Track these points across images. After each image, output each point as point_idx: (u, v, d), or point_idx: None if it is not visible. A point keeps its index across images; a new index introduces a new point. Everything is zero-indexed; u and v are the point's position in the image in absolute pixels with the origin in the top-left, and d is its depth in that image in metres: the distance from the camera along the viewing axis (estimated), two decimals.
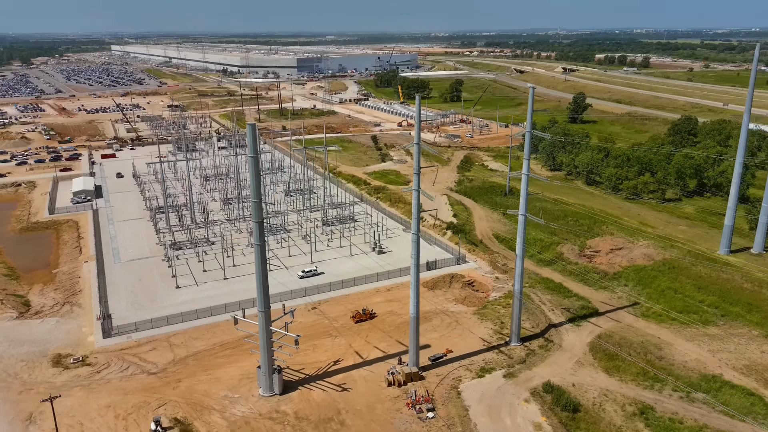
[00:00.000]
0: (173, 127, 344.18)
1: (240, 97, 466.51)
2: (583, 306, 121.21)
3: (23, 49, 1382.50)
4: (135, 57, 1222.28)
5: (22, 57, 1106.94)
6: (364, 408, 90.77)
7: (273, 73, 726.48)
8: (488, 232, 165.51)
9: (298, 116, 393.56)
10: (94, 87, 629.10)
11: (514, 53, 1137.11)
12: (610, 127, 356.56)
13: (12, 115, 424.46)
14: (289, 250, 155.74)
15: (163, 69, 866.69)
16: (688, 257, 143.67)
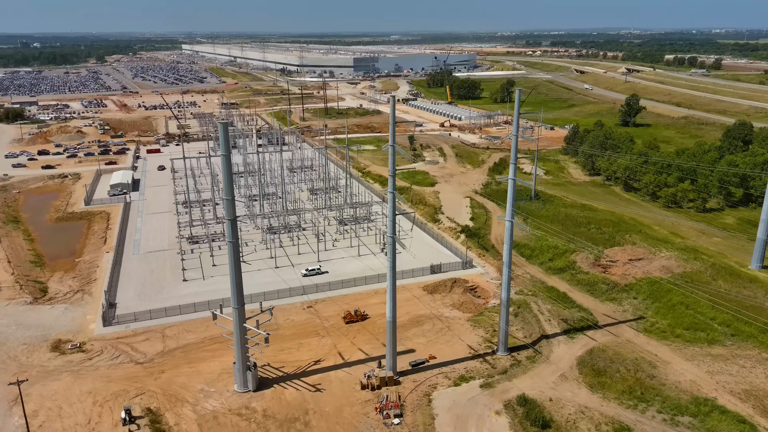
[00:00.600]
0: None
1: (288, 96, 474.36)
2: (582, 318, 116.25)
3: (101, 48, 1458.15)
4: (203, 56, 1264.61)
5: (98, 55, 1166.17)
6: (333, 410, 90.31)
7: (328, 73, 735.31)
8: (503, 237, 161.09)
9: (342, 115, 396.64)
10: (158, 84, 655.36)
11: (578, 53, 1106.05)
12: (663, 131, 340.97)
13: (76, 110, 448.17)
14: (298, 248, 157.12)
15: (226, 68, 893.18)
16: (711, 271, 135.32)
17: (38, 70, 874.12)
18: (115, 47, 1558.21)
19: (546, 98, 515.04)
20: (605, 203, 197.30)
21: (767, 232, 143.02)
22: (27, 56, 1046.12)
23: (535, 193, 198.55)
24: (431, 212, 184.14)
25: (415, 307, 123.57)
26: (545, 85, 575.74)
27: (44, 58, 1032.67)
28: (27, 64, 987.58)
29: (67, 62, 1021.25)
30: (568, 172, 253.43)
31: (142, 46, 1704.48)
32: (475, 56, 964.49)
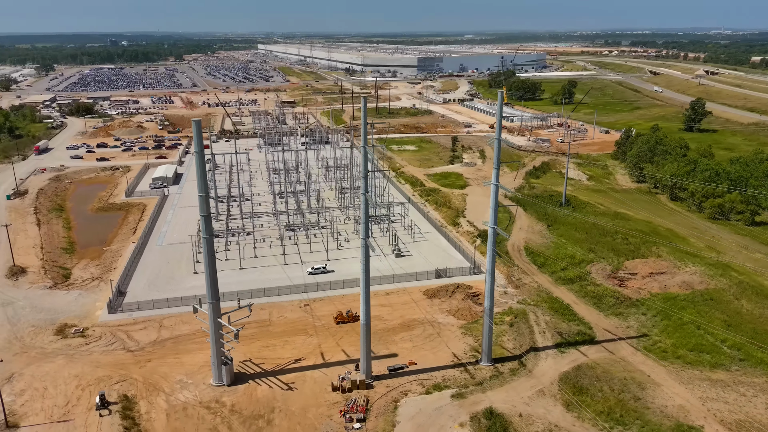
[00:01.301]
0: (275, 121, 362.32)
1: (341, 95, 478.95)
2: (580, 332, 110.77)
3: (182, 47, 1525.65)
4: (276, 55, 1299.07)
5: (178, 54, 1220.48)
6: (298, 410, 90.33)
7: (391, 72, 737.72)
8: (521, 244, 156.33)
9: (393, 115, 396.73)
10: (227, 82, 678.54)
11: (657, 54, 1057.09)
12: (729, 137, 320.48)
13: (145, 105, 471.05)
14: (311, 246, 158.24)
15: (295, 67, 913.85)
16: (736, 289, 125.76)
17: (120, 67, 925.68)
18: (196, 46, 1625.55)
19: (611, 100, 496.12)
20: (645, 212, 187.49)
21: None
22: (112, 54, 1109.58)
23: (566, 199, 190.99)
24: (453, 215, 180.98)
25: (410, 311, 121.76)
26: (612, 86, 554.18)
27: (127, 56, 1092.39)
28: (111, 61, 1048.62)
29: (148, 60, 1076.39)
30: (615, 178, 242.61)
31: (222, 46, 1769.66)
32: (544, 56, 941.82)
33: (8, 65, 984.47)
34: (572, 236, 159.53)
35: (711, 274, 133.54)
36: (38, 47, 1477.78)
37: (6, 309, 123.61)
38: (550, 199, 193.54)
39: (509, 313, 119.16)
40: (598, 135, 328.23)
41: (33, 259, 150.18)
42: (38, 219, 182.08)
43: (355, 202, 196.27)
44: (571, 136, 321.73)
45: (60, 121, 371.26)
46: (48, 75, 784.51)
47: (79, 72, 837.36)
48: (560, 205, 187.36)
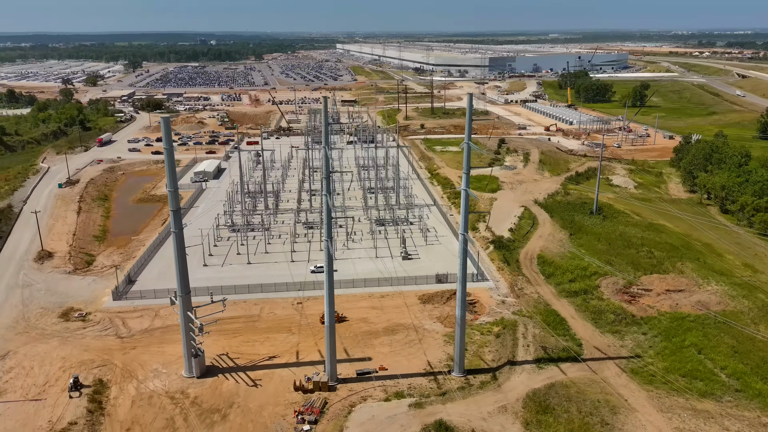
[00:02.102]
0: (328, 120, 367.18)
1: (398, 95, 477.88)
2: (566, 348, 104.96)
3: (265, 46, 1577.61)
4: (352, 55, 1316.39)
5: (258, 53, 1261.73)
6: (256, 407, 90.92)
7: (459, 72, 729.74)
8: (535, 252, 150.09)
9: (448, 116, 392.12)
10: (297, 81, 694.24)
11: (754, 55, 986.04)
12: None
13: (215, 102, 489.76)
14: (320, 244, 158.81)
15: (367, 66, 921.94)
16: (755, 313, 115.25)
17: (203, 65, 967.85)
18: (279, 46, 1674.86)
19: (687, 103, 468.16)
20: (686, 225, 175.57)
21: None
22: (197, 52, 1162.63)
23: (599, 207, 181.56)
24: (473, 220, 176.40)
25: (399, 315, 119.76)
26: (691, 89, 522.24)
27: (211, 55, 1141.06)
28: (196, 59, 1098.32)
29: (230, 59, 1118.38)
30: (667, 187, 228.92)
31: (303, 45, 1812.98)
32: (626, 56, 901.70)
33: (102, 62, 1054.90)
34: (593, 247, 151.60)
35: (733, 295, 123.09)
36: (134, 45, 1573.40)
37: (24, 291, 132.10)
38: (583, 207, 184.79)
39: (499, 324, 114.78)
40: (661, 140, 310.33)
41: (62, 245, 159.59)
42: (80, 207, 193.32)
43: (379, 201, 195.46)
44: (629, 140, 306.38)
45: (130, 115, 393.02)
46: (135, 72, 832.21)
47: (164, 69, 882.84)
48: (591, 214, 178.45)
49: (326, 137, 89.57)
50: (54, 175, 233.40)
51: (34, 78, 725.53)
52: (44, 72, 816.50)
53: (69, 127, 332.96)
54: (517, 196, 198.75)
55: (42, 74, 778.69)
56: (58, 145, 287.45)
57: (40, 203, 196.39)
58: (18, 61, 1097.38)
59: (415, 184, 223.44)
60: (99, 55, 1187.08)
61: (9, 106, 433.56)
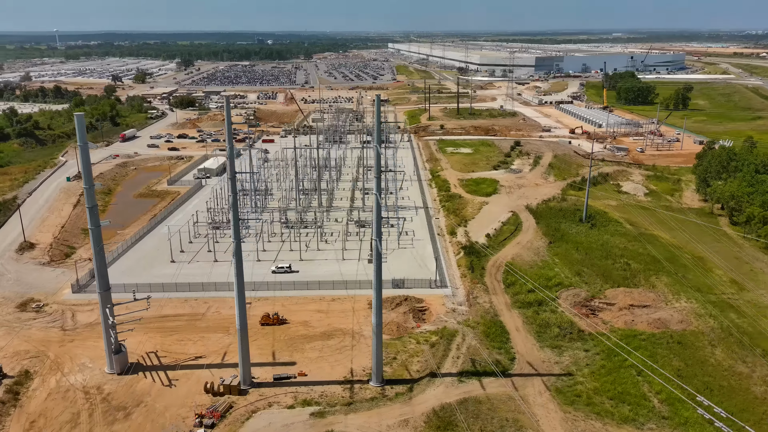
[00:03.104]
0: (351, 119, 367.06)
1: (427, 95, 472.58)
2: (497, 361, 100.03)
3: (318, 45, 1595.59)
4: (402, 54, 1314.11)
5: (309, 52, 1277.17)
6: (162, 407, 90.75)
7: (503, 72, 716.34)
8: (506, 259, 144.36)
9: (474, 116, 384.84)
10: (338, 80, 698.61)
11: None
12: None
13: (251, 100, 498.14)
14: (291, 244, 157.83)
15: (412, 66, 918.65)
16: (716, 335, 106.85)
17: (253, 64, 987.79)
18: (333, 45, 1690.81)
19: (734, 107, 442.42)
20: (686, 235, 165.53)
21: None
22: (250, 51, 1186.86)
23: (589, 215, 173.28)
24: (456, 223, 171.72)
25: (342, 320, 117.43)
26: (742, 92, 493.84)
27: (263, 54, 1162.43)
28: (249, 58, 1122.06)
29: (281, 58, 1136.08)
30: (681, 194, 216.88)
31: (357, 45, 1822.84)
32: (683, 57, 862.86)
33: (159, 60, 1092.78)
34: (569, 256, 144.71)
35: (701, 314, 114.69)
36: (195, 44, 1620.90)
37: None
38: (575, 214, 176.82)
39: (438, 334, 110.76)
40: (691, 145, 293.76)
41: (48, 237, 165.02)
42: (79, 200, 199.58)
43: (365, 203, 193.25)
44: (655, 144, 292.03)
45: (162, 112, 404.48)
46: (186, 70, 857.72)
47: (215, 68, 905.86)
48: (580, 221, 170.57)
49: (229, 139, 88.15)
50: (68, 169, 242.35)
51: (90, 75, 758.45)
52: (101, 69, 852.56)
53: (101, 123, 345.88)
54: (510, 201, 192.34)
55: (98, 71, 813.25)
56: None
57: (44, 196, 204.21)
58: (82, 58, 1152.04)
59: (413, 185, 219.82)
60: (158, 53, 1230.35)
61: (55, 101, 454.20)
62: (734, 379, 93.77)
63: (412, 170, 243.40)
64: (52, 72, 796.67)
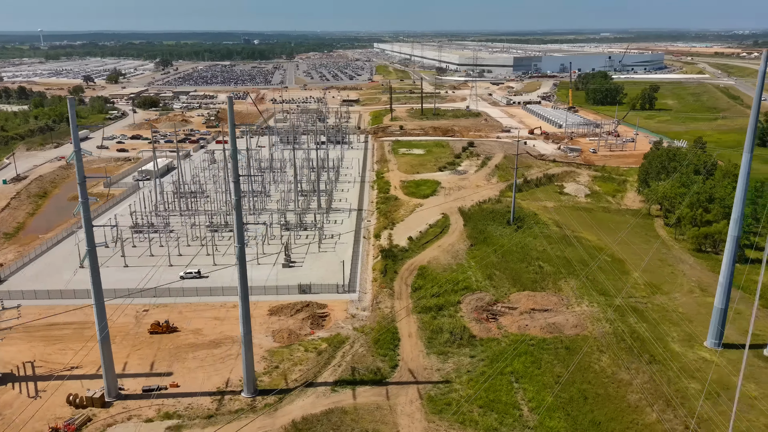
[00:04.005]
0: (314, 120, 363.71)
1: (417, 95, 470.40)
2: (378, 369, 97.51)
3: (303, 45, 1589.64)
4: (387, 54, 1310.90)
5: (289, 52, 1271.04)
6: (20, 420, 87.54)
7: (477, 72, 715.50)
8: (422, 263, 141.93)
9: (438, 117, 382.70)
10: (314, 80, 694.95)
11: None
12: None
13: (220, 100, 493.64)
14: (209, 248, 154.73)
15: (392, 66, 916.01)
16: (610, 339, 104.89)
17: (233, 64, 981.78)
18: (319, 45, 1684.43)
19: (701, 107, 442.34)
20: (613, 237, 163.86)
21: (725, 300, 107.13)
22: (232, 51, 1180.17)
23: (517, 216, 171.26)
24: (382, 226, 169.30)
25: (235, 327, 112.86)
26: (711, 92, 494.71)
27: (245, 54, 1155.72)
28: (231, 58, 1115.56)
29: (263, 58, 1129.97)
30: (624, 195, 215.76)
31: (344, 45, 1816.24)
32: (661, 57, 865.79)
33: (140, 60, 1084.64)
34: (485, 259, 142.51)
35: (599, 318, 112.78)
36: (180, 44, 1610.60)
37: None
38: (505, 216, 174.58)
39: (330, 341, 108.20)
40: (646, 146, 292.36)
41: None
42: (9, 203, 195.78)
43: (304, 205, 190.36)
44: (608, 145, 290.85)
45: (122, 112, 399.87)
46: (164, 70, 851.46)
47: (194, 68, 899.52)
48: (508, 224, 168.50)
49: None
50: (9, 172, 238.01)
51: (65, 75, 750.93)
52: (78, 69, 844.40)
53: (58, 124, 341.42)
54: (446, 203, 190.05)
55: (75, 71, 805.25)
56: (32, 141, 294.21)
57: None
58: (62, 58, 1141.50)
59: (354, 187, 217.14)
60: (140, 53, 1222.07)
61: (18, 102, 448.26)
62: (613, 386, 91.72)
63: (360, 171, 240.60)
64: (28, 72, 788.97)
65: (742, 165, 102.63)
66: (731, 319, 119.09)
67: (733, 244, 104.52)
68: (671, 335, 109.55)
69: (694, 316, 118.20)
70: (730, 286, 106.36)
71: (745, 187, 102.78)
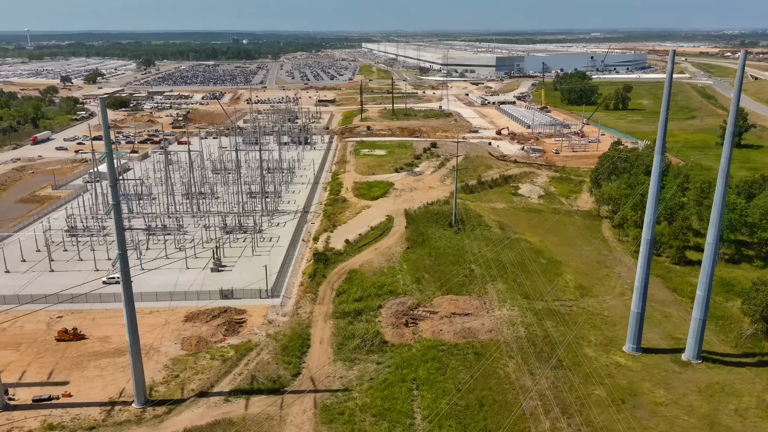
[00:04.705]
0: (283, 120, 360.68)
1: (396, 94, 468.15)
2: (278, 378, 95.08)
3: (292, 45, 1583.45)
4: (375, 54, 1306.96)
5: (282, 51, 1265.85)
6: None
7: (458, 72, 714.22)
8: (354, 266, 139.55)
9: (409, 117, 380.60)
10: (295, 80, 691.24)
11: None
12: None
13: (195, 100, 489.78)
14: (140, 253, 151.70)
15: (376, 66, 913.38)
16: (522, 344, 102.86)
17: (217, 64, 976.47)
18: (307, 44, 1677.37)
19: (674, 107, 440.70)
20: (557, 238, 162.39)
21: (641, 304, 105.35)
22: (217, 51, 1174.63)
23: (461, 219, 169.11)
24: (323, 229, 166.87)
25: (147, 334, 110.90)
26: (686, 92, 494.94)
27: (230, 54, 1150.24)
28: (216, 58, 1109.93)
29: (249, 58, 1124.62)
30: (578, 197, 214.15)
31: (334, 44, 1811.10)
32: (644, 56, 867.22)
33: (124, 60, 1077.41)
34: (419, 262, 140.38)
35: (515, 322, 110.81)
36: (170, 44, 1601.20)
37: None
38: (449, 218, 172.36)
39: (238, 348, 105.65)
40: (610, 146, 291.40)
41: None
42: None
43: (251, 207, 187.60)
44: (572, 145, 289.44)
45: (91, 113, 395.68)
46: (147, 70, 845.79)
47: (177, 68, 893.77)
48: (450, 226, 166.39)
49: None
50: None
51: (45, 75, 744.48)
52: (59, 69, 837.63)
53: (22, 125, 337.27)
54: (394, 205, 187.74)
55: (56, 71, 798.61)
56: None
57: None
58: (46, 58, 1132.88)
59: (307, 188, 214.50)
60: (125, 53, 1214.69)
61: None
62: (512, 393, 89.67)
63: (313, 172, 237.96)
64: (8, 72, 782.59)
65: (654, 167, 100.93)
66: (658, 322, 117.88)
67: (646, 248, 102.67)
68: (589, 339, 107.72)
69: (618, 319, 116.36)
70: (645, 290, 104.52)
71: (657, 190, 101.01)
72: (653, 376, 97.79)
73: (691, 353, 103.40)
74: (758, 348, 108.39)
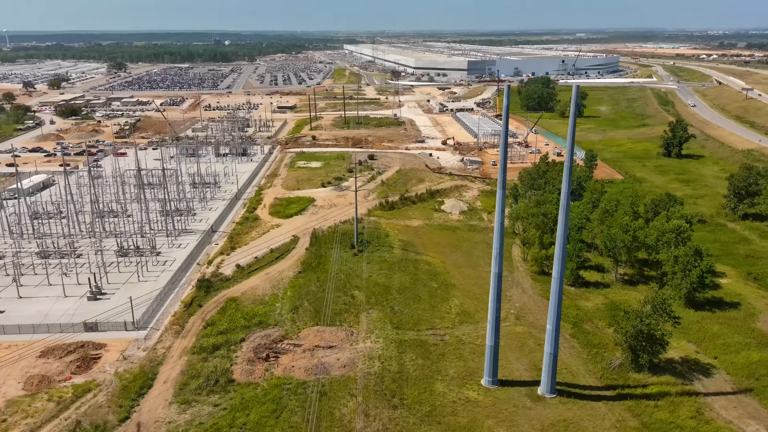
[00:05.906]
0: (233, 128, 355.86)
1: (310, 103, 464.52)
2: (103, 424, 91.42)
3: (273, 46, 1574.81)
4: (355, 56, 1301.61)
5: (258, 53, 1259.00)
6: None
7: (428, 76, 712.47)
8: (236, 294, 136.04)
9: (362, 125, 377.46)
10: (263, 85, 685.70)
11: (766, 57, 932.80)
12: (713, 166, 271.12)
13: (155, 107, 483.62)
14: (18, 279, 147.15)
15: (352, 68, 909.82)
16: (371, 379, 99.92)
17: (190, 66, 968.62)
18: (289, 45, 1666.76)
19: (630, 113, 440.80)
20: (461, 260, 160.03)
21: (495, 337, 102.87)
22: (192, 53, 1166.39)
23: (364, 240, 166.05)
24: (221, 251, 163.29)
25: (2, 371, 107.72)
26: (644, 98, 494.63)
27: (206, 56, 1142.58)
28: (192, 60, 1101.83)
29: (225, 60, 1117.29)
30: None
31: (317, 46, 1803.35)
32: (616, 59, 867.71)
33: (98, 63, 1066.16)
34: (305, 288, 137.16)
35: (374, 356, 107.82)
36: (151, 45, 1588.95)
37: None
38: (359, 237, 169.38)
39: (79, 389, 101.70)
40: (551, 158, 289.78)
41: None
42: None
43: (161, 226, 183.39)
44: (512, 156, 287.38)
45: (39, 121, 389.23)
46: (117, 73, 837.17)
47: (148, 71, 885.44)
48: (351, 247, 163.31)
49: None
50: None
51: (10, 80, 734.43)
52: (29, 73, 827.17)
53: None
54: (306, 223, 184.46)
55: (24, 75, 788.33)
56: None
57: None
58: (19, 61, 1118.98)
59: (224, 205, 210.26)
60: (101, 55, 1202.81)
61: None
62: None
63: (243, 187, 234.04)
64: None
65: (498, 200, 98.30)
66: (530, 351, 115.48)
67: (495, 282, 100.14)
68: (447, 372, 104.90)
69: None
70: (497, 323, 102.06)
71: (502, 222, 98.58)
72: (500, 412, 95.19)
73: (545, 388, 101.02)
74: (623, 380, 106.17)
